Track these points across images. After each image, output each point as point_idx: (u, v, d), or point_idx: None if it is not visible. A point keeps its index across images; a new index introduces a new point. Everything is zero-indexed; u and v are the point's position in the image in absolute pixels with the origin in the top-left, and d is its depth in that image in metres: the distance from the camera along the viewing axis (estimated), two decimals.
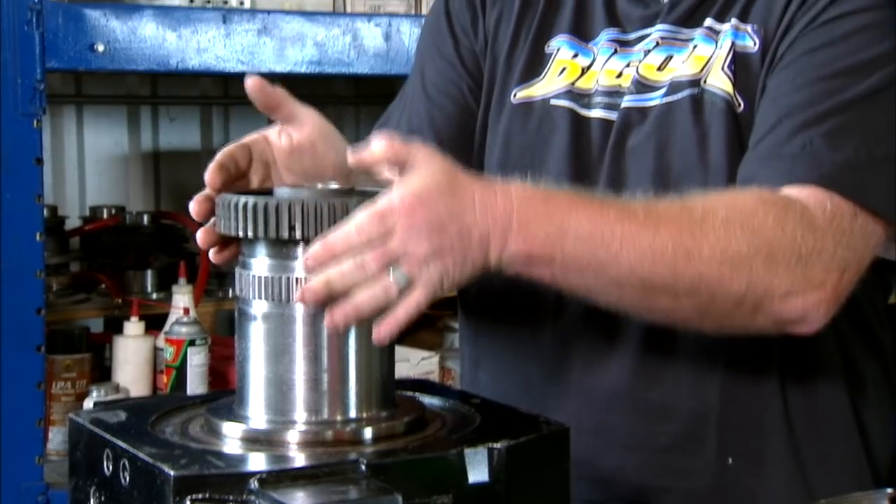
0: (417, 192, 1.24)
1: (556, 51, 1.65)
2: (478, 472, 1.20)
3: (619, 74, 1.60)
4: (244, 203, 1.25)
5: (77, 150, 3.34)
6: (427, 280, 1.25)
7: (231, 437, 1.26)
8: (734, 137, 1.51)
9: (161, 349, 2.71)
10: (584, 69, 1.63)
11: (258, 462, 1.20)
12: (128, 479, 1.19)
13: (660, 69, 1.58)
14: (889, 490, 1.24)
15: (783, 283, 1.38)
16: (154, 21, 2.44)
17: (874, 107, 1.46)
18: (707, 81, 1.54)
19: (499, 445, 1.21)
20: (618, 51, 1.61)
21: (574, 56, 1.64)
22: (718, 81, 1.53)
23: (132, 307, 2.77)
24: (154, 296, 2.99)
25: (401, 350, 2.72)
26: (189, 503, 1.11)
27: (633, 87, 1.58)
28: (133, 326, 2.73)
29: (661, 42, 1.59)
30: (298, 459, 1.22)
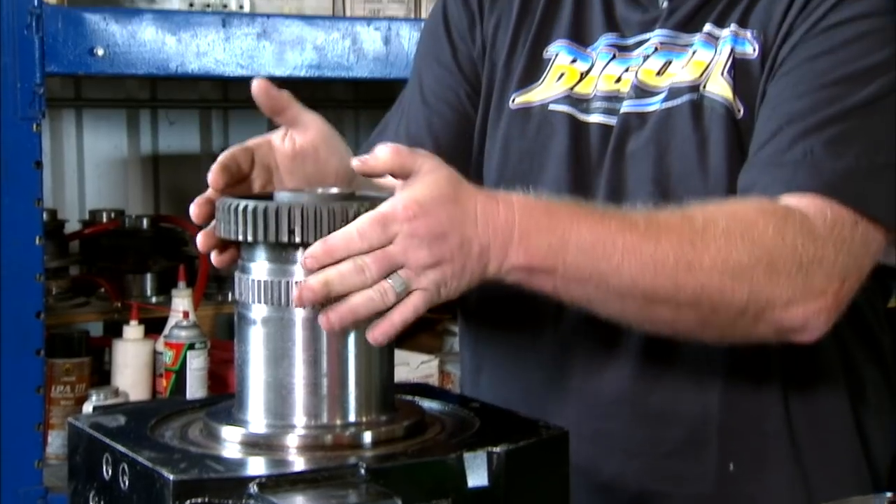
0: (420, 200, 1.24)
1: (555, 56, 1.65)
2: (477, 477, 1.20)
3: (618, 79, 1.60)
4: (244, 207, 1.25)
5: (76, 154, 3.34)
6: (425, 287, 1.25)
7: (230, 442, 1.26)
8: (734, 143, 1.51)
9: (160, 353, 2.71)
10: (583, 74, 1.63)
11: (257, 466, 1.20)
12: (127, 484, 1.18)
13: (659, 74, 1.57)
14: (889, 494, 1.24)
15: (784, 293, 1.38)
16: (154, 25, 2.44)
17: (874, 114, 1.46)
18: (706, 87, 1.54)
19: (498, 449, 1.20)
20: (616, 56, 1.61)
21: (572, 61, 1.64)
22: (718, 87, 1.53)
23: (132, 311, 2.77)
24: (153, 299, 2.99)
25: (400, 353, 2.71)
26: None
27: (633, 92, 1.58)
28: (132, 330, 2.73)
29: (660, 47, 1.59)
30: (298, 463, 1.22)
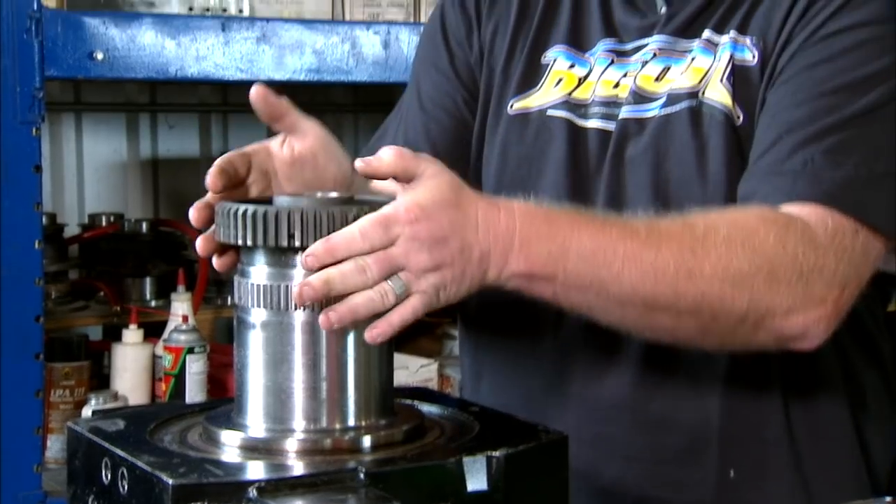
0: (423, 204, 1.25)
1: (553, 61, 1.65)
2: (476, 481, 1.19)
3: (616, 84, 1.60)
4: (244, 211, 1.25)
5: (76, 158, 3.34)
6: (424, 290, 1.26)
7: (230, 446, 1.26)
8: (733, 149, 1.51)
9: (160, 357, 2.70)
10: (581, 79, 1.63)
11: (257, 470, 1.20)
12: (126, 488, 1.18)
13: (657, 80, 1.57)
14: (888, 498, 1.24)
15: (784, 301, 1.38)
16: (153, 29, 2.44)
17: (874, 123, 1.46)
18: (705, 93, 1.54)
19: (497, 454, 1.20)
20: (615, 61, 1.61)
21: (570, 66, 1.64)
22: (717, 94, 1.53)
23: (131, 315, 2.77)
24: (153, 303, 2.99)
25: (400, 357, 2.71)
26: None
27: (631, 98, 1.58)
28: (132, 334, 2.73)
29: (659, 53, 1.59)
30: (297, 468, 1.22)
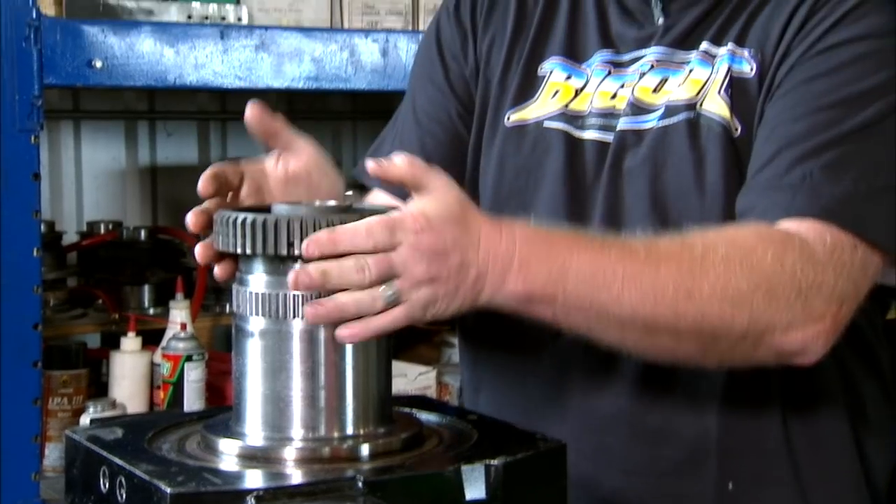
0: (430, 216, 1.26)
1: (549, 73, 1.65)
2: (475, 489, 1.20)
3: (614, 96, 1.60)
4: (243, 219, 1.25)
5: (74, 166, 3.34)
6: (414, 301, 1.26)
7: (228, 454, 1.26)
8: (731, 161, 1.51)
9: (158, 365, 2.70)
10: (578, 91, 1.62)
11: (255, 479, 1.20)
12: (124, 497, 1.18)
13: (655, 91, 1.57)
14: None
15: (784, 318, 1.38)
16: (152, 37, 2.44)
17: (872, 137, 1.45)
18: (703, 105, 1.53)
19: (496, 462, 1.21)
20: (612, 72, 1.61)
21: (567, 78, 1.64)
22: (715, 106, 1.53)
23: (129, 322, 2.76)
24: (151, 311, 2.98)
25: (398, 365, 2.71)
26: None
27: (629, 109, 1.58)
28: (130, 342, 2.73)
29: (656, 64, 1.58)
30: (295, 476, 1.22)
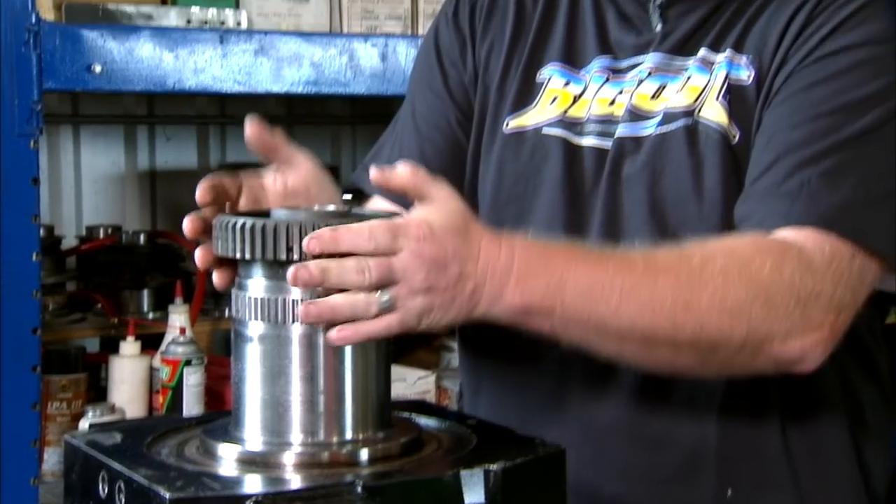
0: (433, 225, 1.26)
1: (548, 79, 1.65)
2: (474, 494, 1.19)
3: (612, 102, 1.60)
4: (242, 224, 1.25)
5: (74, 170, 3.34)
6: (409, 309, 1.26)
7: (227, 459, 1.26)
8: (729, 168, 1.51)
9: (157, 369, 2.70)
10: (576, 97, 1.62)
11: (254, 484, 1.20)
12: (123, 502, 1.18)
13: (653, 98, 1.57)
14: None
15: (782, 327, 1.38)
16: (151, 42, 2.44)
17: (870, 145, 1.45)
18: (701, 112, 1.53)
19: (495, 467, 1.20)
20: (610, 79, 1.61)
21: (566, 84, 1.64)
22: (713, 112, 1.53)
23: (128, 327, 2.76)
24: (150, 315, 2.98)
25: (397, 369, 2.71)
26: None
27: (627, 116, 1.58)
28: (129, 346, 2.72)
29: (654, 71, 1.58)
30: (294, 481, 1.22)
